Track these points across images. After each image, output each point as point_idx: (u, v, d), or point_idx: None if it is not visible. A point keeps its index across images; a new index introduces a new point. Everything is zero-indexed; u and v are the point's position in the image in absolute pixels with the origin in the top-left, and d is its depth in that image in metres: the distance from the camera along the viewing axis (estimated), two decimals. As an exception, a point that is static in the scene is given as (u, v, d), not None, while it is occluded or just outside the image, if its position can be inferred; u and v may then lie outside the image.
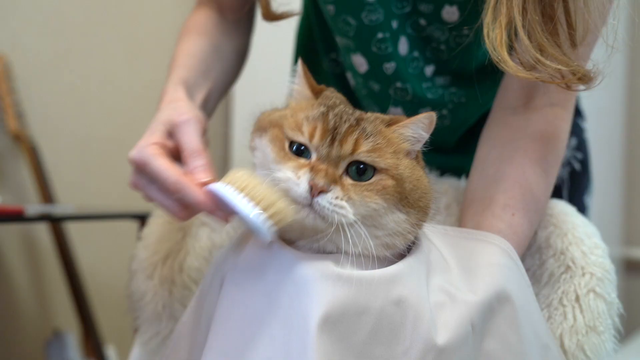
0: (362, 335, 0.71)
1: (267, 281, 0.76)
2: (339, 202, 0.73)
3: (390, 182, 0.75)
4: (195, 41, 1.06)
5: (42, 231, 1.83)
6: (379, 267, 0.76)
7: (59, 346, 1.76)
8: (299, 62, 0.83)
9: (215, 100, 1.07)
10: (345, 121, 0.76)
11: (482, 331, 0.77)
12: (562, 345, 0.86)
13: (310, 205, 0.73)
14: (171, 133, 0.86)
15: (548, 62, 0.81)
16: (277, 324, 0.73)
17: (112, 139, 1.95)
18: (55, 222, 1.73)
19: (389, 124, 0.79)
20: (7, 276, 1.79)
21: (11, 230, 1.79)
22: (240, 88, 2.06)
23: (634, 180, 2.72)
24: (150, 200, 0.84)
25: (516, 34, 0.82)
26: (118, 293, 1.11)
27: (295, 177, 0.74)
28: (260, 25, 1.12)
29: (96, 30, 1.96)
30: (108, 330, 1.89)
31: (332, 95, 0.83)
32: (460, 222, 0.94)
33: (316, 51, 1.18)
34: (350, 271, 0.73)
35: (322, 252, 0.77)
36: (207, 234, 1.02)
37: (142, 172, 0.82)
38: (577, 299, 0.88)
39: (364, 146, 0.75)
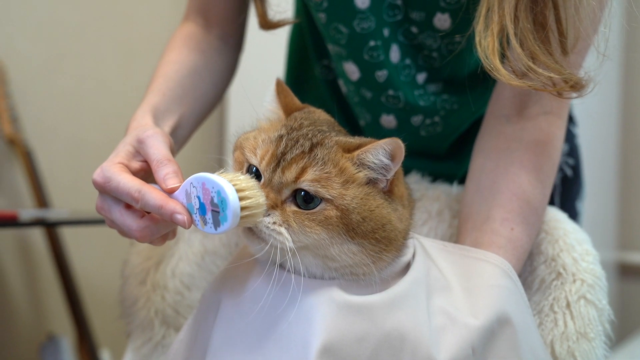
0: None
1: (266, 305, 0.76)
2: (276, 228, 0.73)
3: (333, 213, 0.74)
4: (174, 62, 1.02)
5: (37, 235, 1.83)
6: (379, 289, 0.76)
7: (53, 350, 1.76)
8: (276, 81, 0.83)
9: (190, 126, 1.02)
10: (298, 147, 0.75)
11: (482, 354, 0.77)
12: (552, 352, 0.86)
13: (250, 228, 0.74)
14: (138, 151, 0.83)
15: (540, 70, 0.81)
16: (274, 348, 0.74)
17: (106, 143, 1.92)
18: (50, 227, 1.73)
19: (354, 149, 0.77)
20: (1, 280, 1.78)
21: (6, 234, 1.78)
22: (235, 95, 2.07)
23: (629, 184, 2.72)
24: (116, 226, 0.79)
25: (508, 42, 0.82)
26: (112, 297, 1.11)
27: None
28: (257, 32, 1.11)
29: (90, 35, 1.95)
30: (102, 334, 1.88)
31: (301, 115, 0.81)
32: (457, 236, 0.93)
33: (308, 58, 1.17)
34: (349, 297, 0.74)
35: (303, 274, 0.77)
36: (199, 240, 1.02)
37: (106, 192, 0.78)
38: (568, 305, 0.88)
39: (309, 175, 0.74)
